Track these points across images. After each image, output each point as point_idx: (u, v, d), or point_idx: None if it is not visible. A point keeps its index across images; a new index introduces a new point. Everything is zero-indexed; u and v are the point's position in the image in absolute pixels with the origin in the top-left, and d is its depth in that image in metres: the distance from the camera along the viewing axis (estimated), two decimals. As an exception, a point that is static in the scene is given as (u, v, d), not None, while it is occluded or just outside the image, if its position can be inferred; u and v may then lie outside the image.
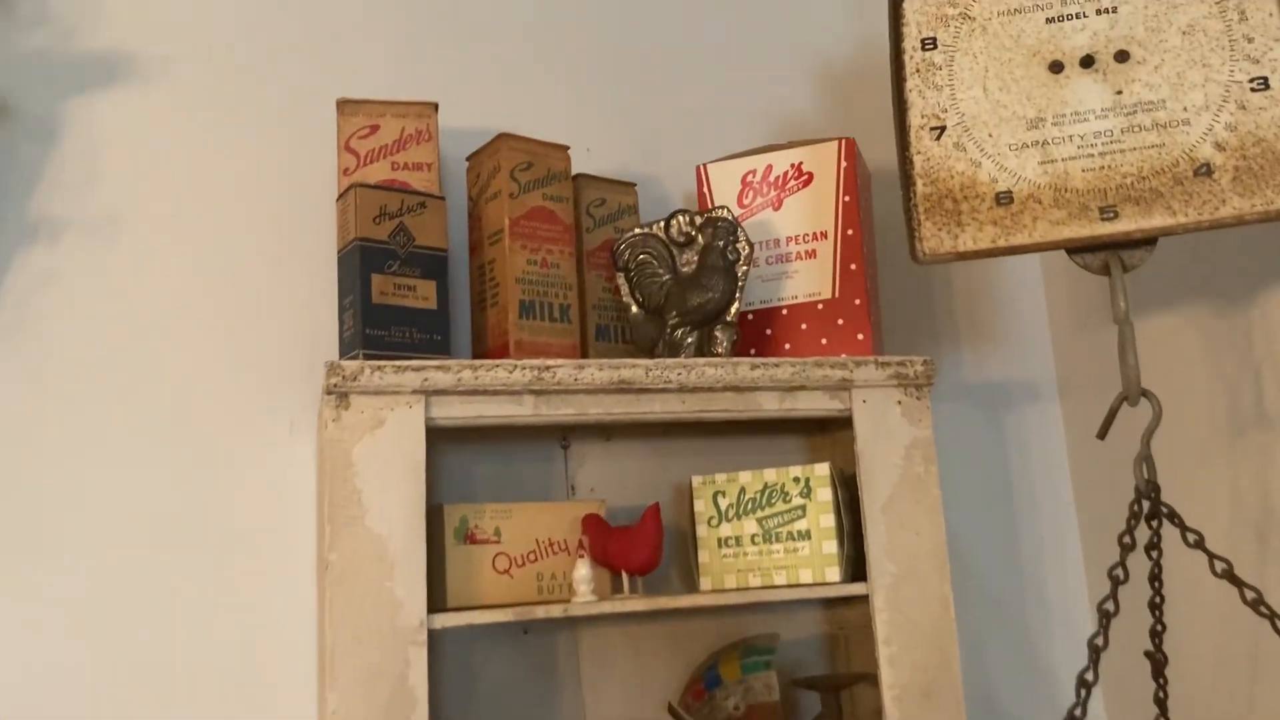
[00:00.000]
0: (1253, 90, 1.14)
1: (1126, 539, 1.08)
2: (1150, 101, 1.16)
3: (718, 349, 1.41)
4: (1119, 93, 1.17)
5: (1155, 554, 1.10)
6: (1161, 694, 1.20)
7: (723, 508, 1.43)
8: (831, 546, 1.38)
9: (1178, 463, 1.43)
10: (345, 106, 1.39)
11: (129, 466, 1.37)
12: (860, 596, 1.37)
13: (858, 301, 1.46)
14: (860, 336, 1.45)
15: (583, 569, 1.30)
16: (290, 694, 1.37)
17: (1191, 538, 1.07)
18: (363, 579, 1.19)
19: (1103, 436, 1.15)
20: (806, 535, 1.38)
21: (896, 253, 1.69)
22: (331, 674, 1.16)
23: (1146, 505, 1.10)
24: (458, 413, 1.26)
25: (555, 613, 1.28)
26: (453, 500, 1.41)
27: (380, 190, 1.31)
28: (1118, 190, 1.14)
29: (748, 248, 1.43)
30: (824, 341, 1.46)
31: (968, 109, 1.20)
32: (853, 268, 1.47)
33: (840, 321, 1.46)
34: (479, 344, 1.42)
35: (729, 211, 1.44)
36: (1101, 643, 1.05)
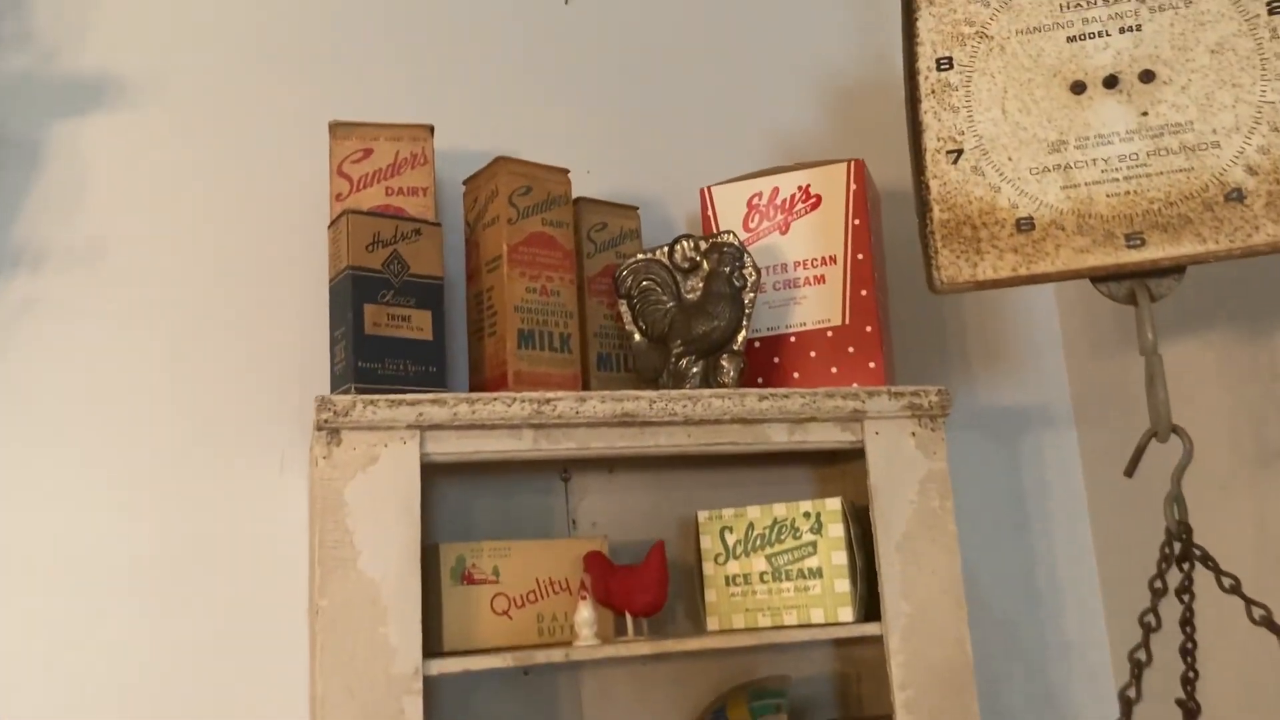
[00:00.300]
0: (1286, 111, 1.09)
1: (1158, 583, 1.02)
2: (1177, 123, 1.10)
3: (724, 379, 1.36)
4: (1144, 114, 1.11)
5: (1187, 598, 1.04)
6: (1193, 743, 1.15)
7: (730, 544, 1.37)
8: (844, 585, 1.32)
9: (1199, 496, 1.38)
10: (338, 130, 1.34)
11: (111, 505, 1.32)
12: (874, 637, 1.32)
13: (869, 328, 1.41)
14: (872, 365, 1.40)
15: (585, 611, 1.25)
16: (280, 742, 1.32)
17: (1227, 582, 1.02)
18: (355, 625, 1.14)
19: (1130, 474, 1.10)
20: (818, 573, 1.33)
21: (905, 275, 1.64)
22: (322, 726, 1.11)
23: (1178, 547, 1.04)
24: (454, 448, 1.21)
25: (556, 657, 1.22)
26: (449, 537, 1.36)
27: (373, 217, 1.26)
28: (1144, 216, 1.09)
29: (754, 274, 1.38)
30: (834, 370, 1.41)
31: (986, 131, 1.15)
32: (863, 293, 1.42)
33: (851, 349, 1.41)
34: (476, 374, 1.37)
35: (735, 236, 1.39)
36: (1134, 695, 0.99)
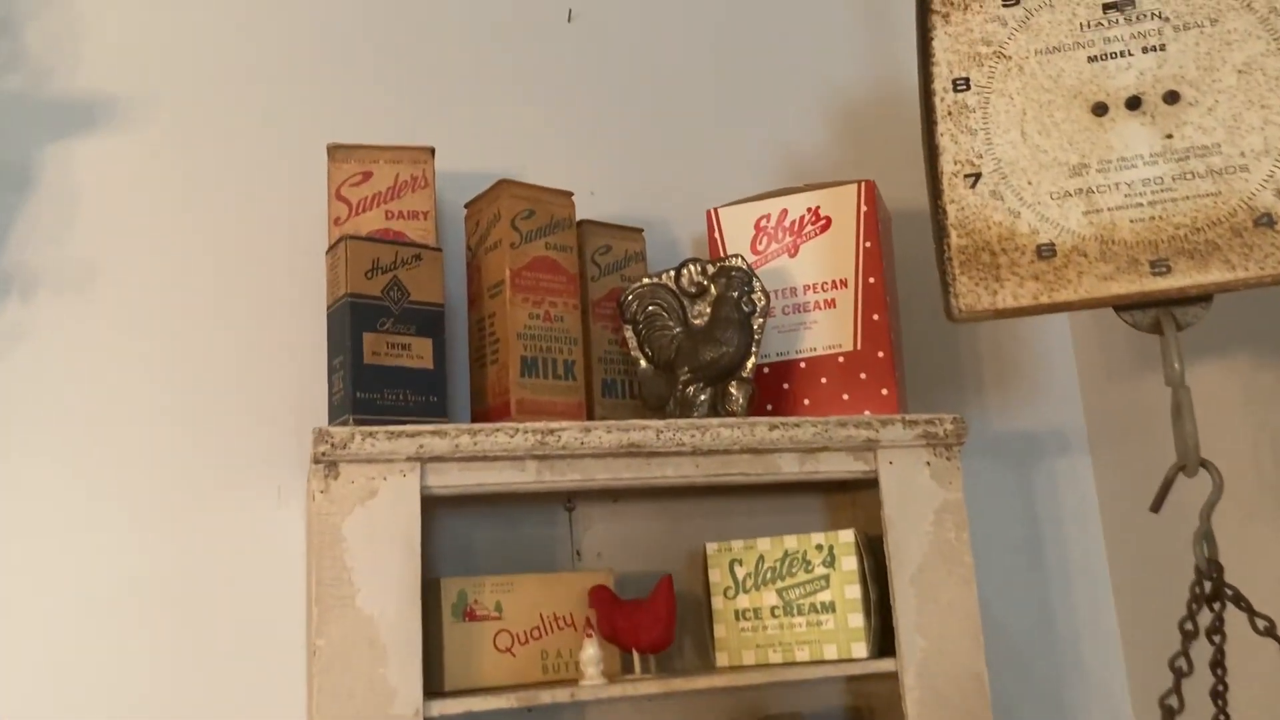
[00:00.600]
0: (1317, 133, 1.05)
1: (1189, 625, 0.98)
2: (1204, 146, 1.07)
3: (733, 406, 1.32)
4: (1169, 137, 1.08)
5: (1218, 639, 1.00)
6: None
7: (740, 578, 1.33)
8: (858, 619, 1.28)
9: (1219, 526, 1.33)
10: (336, 152, 1.30)
11: (103, 536, 1.28)
12: (889, 673, 1.28)
13: (881, 354, 1.38)
14: (884, 391, 1.36)
15: (590, 649, 1.21)
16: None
17: (1261, 624, 0.98)
18: (353, 665, 1.10)
19: (1157, 510, 1.06)
20: (831, 607, 1.29)
21: (915, 298, 1.61)
22: (319, 772, 1.07)
23: (1208, 586, 1.00)
24: (455, 480, 1.17)
25: (561, 697, 1.18)
26: (450, 568, 1.32)
27: (372, 242, 1.23)
28: (1170, 242, 1.05)
29: (764, 299, 1.34)
30: (845, 397, 1.38)
31: (1004, 154, 1.11)
32: (875, 318, 1.38)
33: (863, 375, 1.38)
34: (478, 403, 1.33)
35: (743, 260, 1.35)
36: (1166, 741, 0.95)
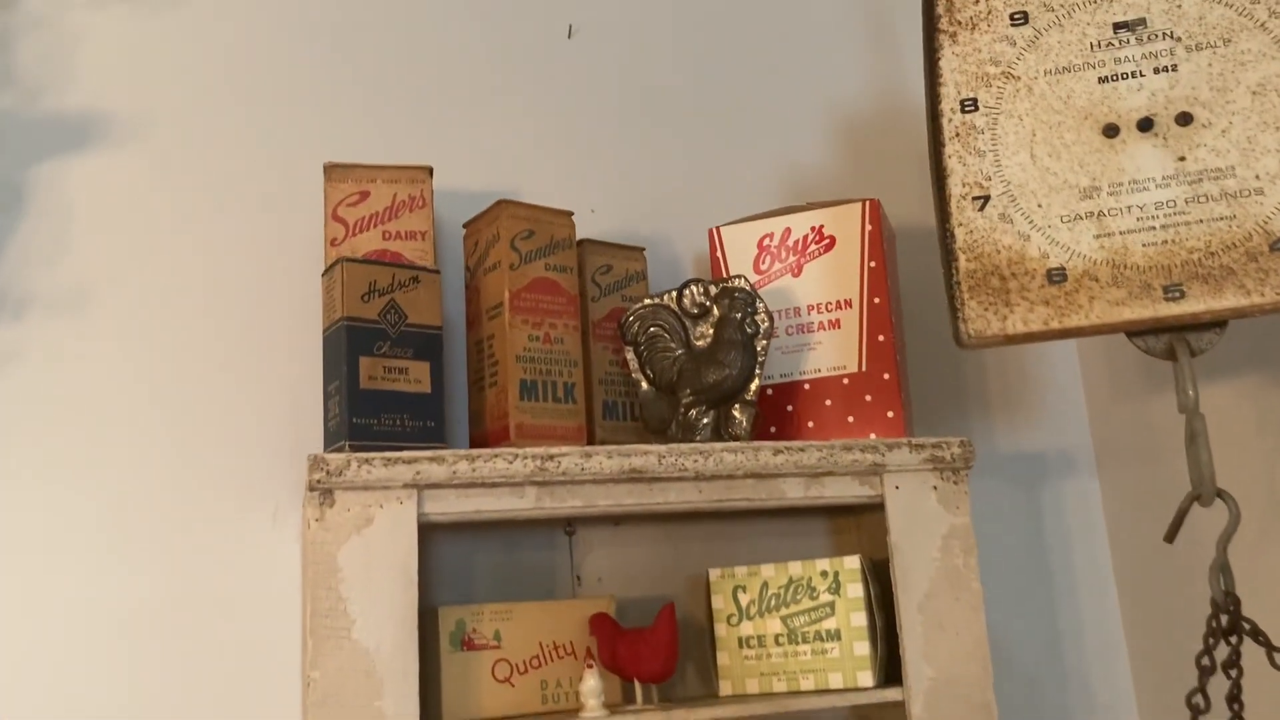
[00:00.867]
0: (1334, 156, 1.03)
1: (1205, 660, 0.96)
2: (1218, 169, 1.04)
3: (736, 429, 1.30)
4: (1182, 159, 1.06)
5: (1234, 673, 0.98)
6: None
7: (744, 604, 1.31)
8: (864, 648, 1.26)
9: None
10: (333, 172, 1.28)
11: (94, 561, 1.25)
12: (895, 702, 1.26)
13: (886, 376, 1.35)
14: (890, 414, 1.34)
15: (591, 680, 1.18)
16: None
17: None
18: (348, 698, 1.07)
19: (1171, 540, 1.03)
20: (836, 635, 1.27)
21: (921, 317, 1.58)
22: (313, 810, 1.04)
23: (1225, 619, 0.98)
24: (453, 508, 1.15)
25: (562, 729, 1.16)
26: (447, 595, 1.30)
27: (369, 265, 1.20)
28: (1183, 267, 1.03)
29: (767, 320, 1.32)
30: (850, 419, 1.35)
31: (1014, 177, 1.09)
32: (881, 339, 1.36)
33: (868, 397, 1.35)
34: (477, 426, 1.31)
35: (746, 281, 1.33)
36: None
